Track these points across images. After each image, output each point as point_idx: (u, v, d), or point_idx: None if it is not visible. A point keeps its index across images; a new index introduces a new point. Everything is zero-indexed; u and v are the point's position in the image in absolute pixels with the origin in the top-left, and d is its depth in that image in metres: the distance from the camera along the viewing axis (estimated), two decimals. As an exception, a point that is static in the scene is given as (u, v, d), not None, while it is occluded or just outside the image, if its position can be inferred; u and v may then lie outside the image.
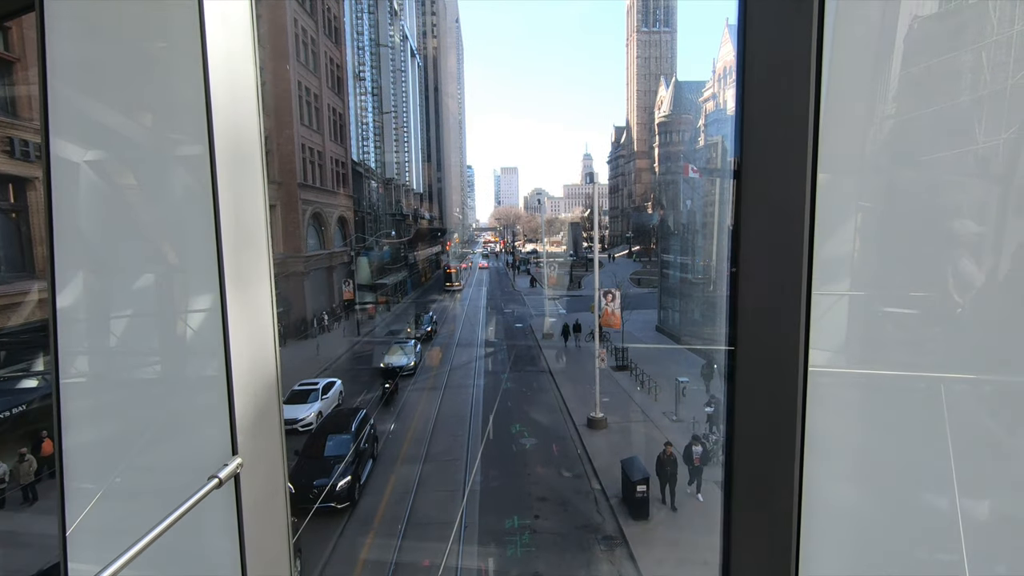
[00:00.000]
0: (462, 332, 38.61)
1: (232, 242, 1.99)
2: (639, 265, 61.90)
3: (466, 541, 13.78)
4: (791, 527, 1.93)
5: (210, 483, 1.60)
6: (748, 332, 2.21)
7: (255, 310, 2.14)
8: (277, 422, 2.16)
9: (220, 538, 1.94)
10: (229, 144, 2.03)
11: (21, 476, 14.89)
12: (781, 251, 2.06)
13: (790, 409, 1.93)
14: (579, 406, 21.92)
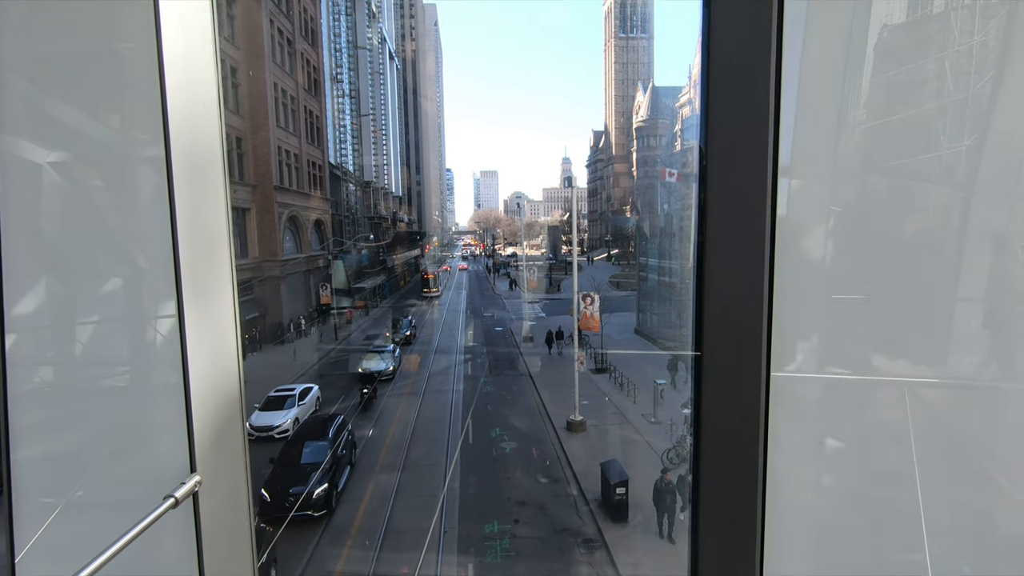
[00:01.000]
0: (441, 336, 38.40)
1: (190, 249, 1.92)
2: (618, 268, 62.39)
3: (445, 548, 13.66)
4: (755, 528, 1.93)
5: (165, 503, 1.52)
6: (712, 337, 2.21)
7: (216, 319, 2.07)
8: (240, 436, 2.09)
9: (178, 562, 1.86)
10: (187, 147, 1.95)
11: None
12: (743, 256, 2.06)
13: (753, 413, 1.93)
14: (558, 409, 21.94)
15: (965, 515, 1.99)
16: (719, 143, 2.19)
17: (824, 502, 2.07)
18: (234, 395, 2.06)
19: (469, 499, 15.91)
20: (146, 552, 1.81)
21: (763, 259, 1.91)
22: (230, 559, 2.02)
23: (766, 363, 1.93)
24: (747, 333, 1.98)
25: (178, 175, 1.90)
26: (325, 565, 13.10)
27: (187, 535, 1.82)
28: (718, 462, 2.14)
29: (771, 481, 1.94)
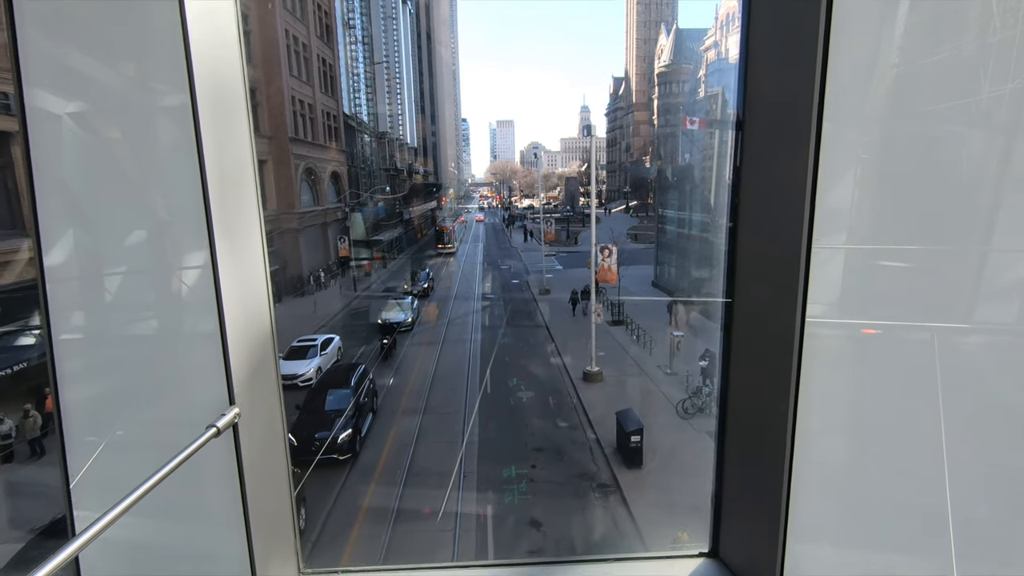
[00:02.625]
0: (459, 288, 38.70)
1: (219, 192, 1.93)
2: (636, 220, 61.55)
3: (465, 489, 14.22)
4: (782, 476, 1.96)
5: (207, 432, 1.60)
6: (746, 284, 2.20)
7: (247, 261, 2.10)
8: (273, 373, 2.16)
9: (222, 488, 1.97)
10: (212, 93, 1.94)
11: (27, 431, 15.16)
12: (782, 204, 2.02)
13: (786, 359, 1.93)
14: (575, 360, 22.23)
15: (989, 464, 1.99)
16: (760, 89, 2.11)
17: (851, 449, 2.08)
18: (266, 333, 2.12)
19: (488, 445, 16.41)
20: (193, 479, 1.92)
21: (803, 206, 1.87)
22: (269, 486, 2.13)
23: (801, 309, 1.91)
24: (782, 279, 1.95)
25: (204, 121, 1.90)
26: (351, 504, 13.77)
27: (229, 463, 1.92)
28: (746, 407, 2.16)
29: (800, 426, 1.95)
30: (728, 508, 2.16)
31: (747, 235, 2.17)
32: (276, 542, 2.18)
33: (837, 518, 2.05)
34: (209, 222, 1.94)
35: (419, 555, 11.80)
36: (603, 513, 13.40)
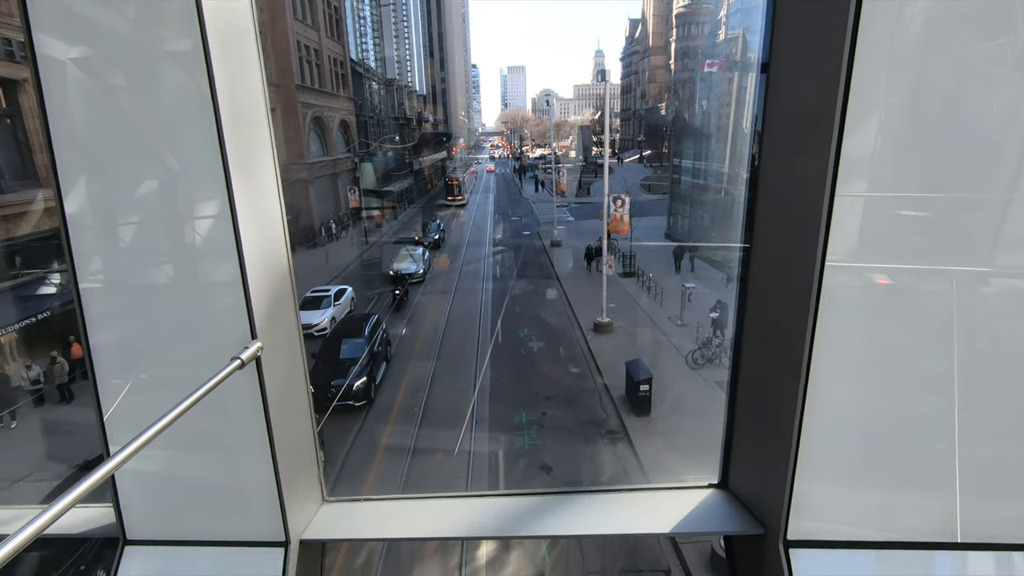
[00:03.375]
0: (470, 239, 38.61)
1: (234, 134, 1.92)
2: (650, 170, 60.30)
3: (477, 436, 14.65)
4: (793, 415, 1.99)
5: (232, 364, 1.65)
6: (765, 229, 2.17)
7: (263, 202, 2.11)
8: (292, 310, 2.20)
9: (249, 420, 2.05)
10: (223, 37, 1.90)
11: (55, 377, 15.71)
12: (806, 149, 1.96)
13: (803, 303, 1.93)
14: (586, 311, 22.33)
15: (999, 407, 2.00)
16: (786, 28, 2.01)
17: (864, 396, 2.09)
18: (284, 270, 2.14)
19: (499, 393, 16.77)
20: (220, 411, 1.99)
21: (828, 152, 1.82)
22: (292, 418, 2.21)
23: (821, 255, 1.89)
24: (803, 225, 1.92)
25: (216, 66, 1.88)
26: (369, 445, 14.30)
27: (254, 397, 1.99)
28: (761, 353, 2.18)
29: (814, 369, 1.96)
30: (739, 443, 2.21)
31: (769, 181, 2.13)
32: (301, 471, 2.28)
33: (844, 457, 2.10)
34: (225, 163, 1.93)
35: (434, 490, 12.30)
36: (611, 458, 13.80)
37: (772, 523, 1.99)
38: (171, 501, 2.28)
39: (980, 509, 1.90)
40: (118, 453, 1.25)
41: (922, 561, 1.89)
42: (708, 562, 10.63)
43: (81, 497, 1.12)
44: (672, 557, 10.74)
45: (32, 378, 15.42)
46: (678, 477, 12.70)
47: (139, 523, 2.28)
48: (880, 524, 1.97)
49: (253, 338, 1.90)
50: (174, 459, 2.19)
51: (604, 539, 11.17)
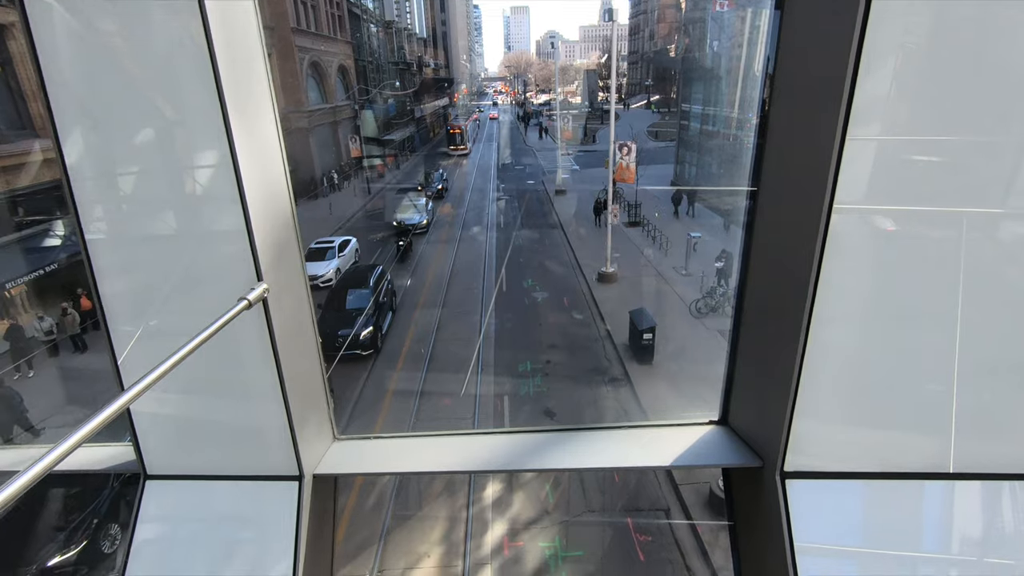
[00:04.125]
0: (473, 189, 38.16)
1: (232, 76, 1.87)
2: (657, 116, 58.67)
3: (482, 383, 14.96)
4: (795, 356, 2.01)
5: (239, 304, 1.67)
6: (774, 172, 2.13)
7: (263, 146, 2.08)
8: (297, 253, 2.21)
9: (258, 358, 2.09)
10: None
11: (67, 328, 15.99)
12: (818, 91, 1.89)
13: (808, 245, 1.91)
14: (591, 261, 22.31)
15: (999, 350, 2.01)
16: None
17: (864, 337, 2.10)
18: (287, 213, 2.13)
19: (504, 343, 17.00)
20: (231, 348, 2.03)
21: (839, 95, 1.76)
22: (301, 358, 2.26)
23: (829, 199, 1.86)
24: (812, 168, 1.89)
25: (211, 9, 1.79)
26: (379, 389, 14.67)
27: (263, 335, 2.02)
28: (765, 294, 2.18)
29: (817, 311, 1.96)
30: (739, 381, 2.25)
31: (779, 123, 2.07)
32: (311, 410, 2.35)
33: (843, 394, 2.13)
34: (223, 107, 1.89)
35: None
36: (614, 403, 14.12)
37: (770, 456, 2.05)
38: (188, 438, 2.37)
39: (973, 442, 1.95)
40: (131, 387, 1.28)
41: (913, 490, 1.96)
42: (706, 502, 11.04)
43: (95, 431, 1.15)
44: (672, 498, 11.15)
45: (45, 329, 15.71)
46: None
47: (158, 459, 2.38)
48: (874, 457, 2.03)
49: (259, 280, 1.92)
50: (189, 399, 2.25)
51: (606, 474, 11.60)
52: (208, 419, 2.35)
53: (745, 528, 2.21)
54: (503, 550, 10.11)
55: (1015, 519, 1.94)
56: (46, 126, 2.04)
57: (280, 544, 2.17)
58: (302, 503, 2.21)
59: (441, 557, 9.95)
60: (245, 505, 2.31)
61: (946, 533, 1.97)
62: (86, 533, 8.99)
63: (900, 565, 1.98)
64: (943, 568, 1.98)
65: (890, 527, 1.99)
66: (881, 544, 1.99)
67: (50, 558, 8.66)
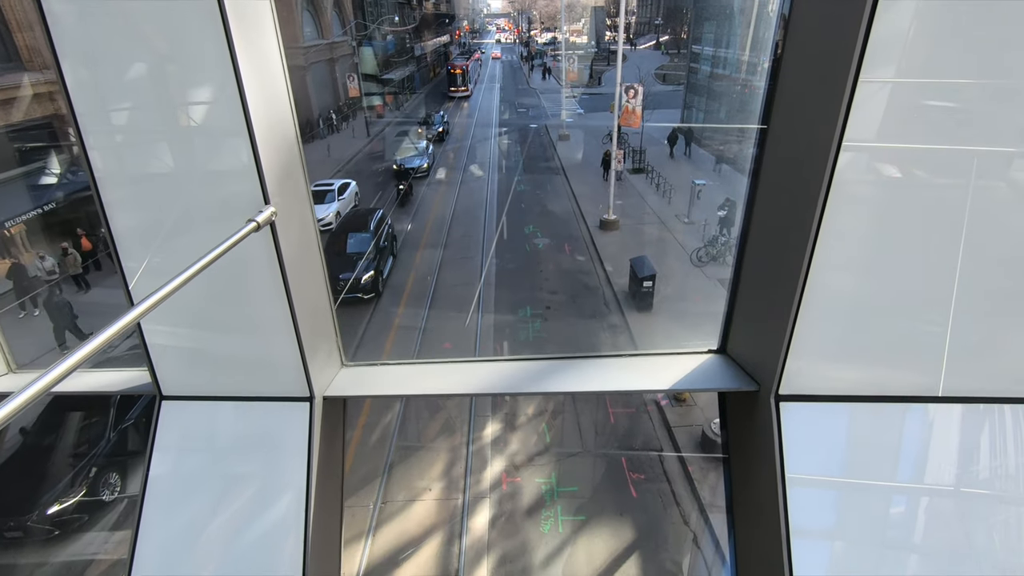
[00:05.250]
0: (475, 131, 37.32)
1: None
2: (666, 59, 56.55)
3: (483, 329, 15.17)
4: (794, 292, 2.04)
5: (248, 225, 1.68)
6: (785, 111, 2.09)
7: (267, 68, 2.03)
8: (302, 179, 2.20)
9: (267, 281, 2.12)
10: None
11: (68, 268, 16.02)
12: (833, 31, 1.83)
13: (816, 183, 1.90)
14: (592, 208, 22.11)
15: (997, 293, 2.03)
16: None
17: (863, 279, 2.12)
18: (291, 139, 2.11)
19: (504, 290, 17.10)
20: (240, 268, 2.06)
21: (855, 36, 1.70)
22: (308, 282, 2.29)
23: (838, 140, 1.84)
24: (824, 107, 1.85)
25: None
26: (378, 338, 14.89)
27: (271, 259, 2.05)
28: (770, 225, 2.18)
29: (819, 250, 1.98)
30: (740, 312, 2.29)
31: (792, 63, 2.03)
32: (320, 336, 2.40)
33: (839, 327, 2.18)
34: (228, 32, 1.83)
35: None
36: (611, 350, 14.37)
37: (766, 380, 2.12)
38: (200, 361, 2.44)
39: (962, 368, 2.01)
40: (140, 303, 1.29)
41: (900, 411, 2.04)
42: (698, 444, 11.44)
43: (103, 345, 1.15)
44: (665, 441, 11.54)
45: (47, 268, 15.75)
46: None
47: (173, 381, 2.45)
48: (866, 382, 2.10)
49: (266, 203, 1.92)
50: (201, 322, 2.30)
51: (603, 416, 11.97)
52: (220, 342, 2.41)
53: (739, 448, 2.31)
54: (501, 485, 10.56)
55: (1000, 440, 2.04)
56: (50, 59, 1.98)
57: (293, 460, 2.28)
58: (313, 423, 2.30)
59: (441, 491, 10.41)
60: (258, 424, 2.41)
61: (931, 452, 2.07)
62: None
63: (883, 478, 2.09)
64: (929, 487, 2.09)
65: (876, 446, 2.08)
66: (867, 463, 2.09)
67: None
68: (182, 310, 1.65)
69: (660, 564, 9.13)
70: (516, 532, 9.58)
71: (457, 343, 14.27)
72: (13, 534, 8.97)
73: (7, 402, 0.87)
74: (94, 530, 9.48)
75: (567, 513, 9.87)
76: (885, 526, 2.08)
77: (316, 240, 2.33)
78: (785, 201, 2.07)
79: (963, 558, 2.06)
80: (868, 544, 2.08)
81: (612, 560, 9.12)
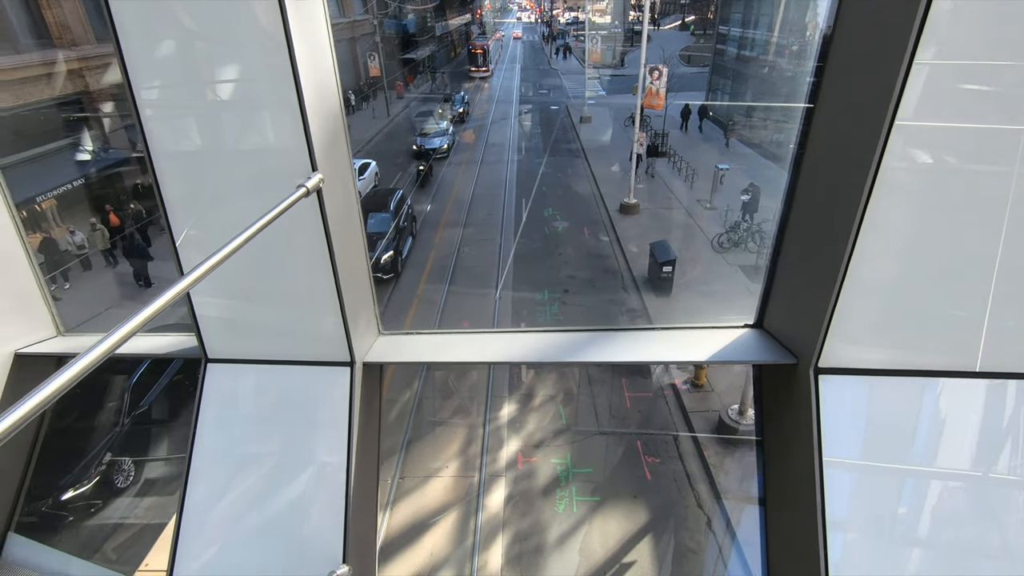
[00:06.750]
0: (495, 112, 37.06)
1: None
2: (691, 39, 55.26)
3: (500, 310, 15.24)
4: (838, 269, 2.00)
5: (298, 191, 1.73)
6: (835, 89, 2.05)
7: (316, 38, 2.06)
8: (345, 147, 2.24)
9: (313, 247, 2.18)
10: None
11: (96, 243, 16.38)
12: (891, 10, 1.78)
13: (865, 160, 1.87)
14: (613, 191, 21.93)
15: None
16: None
17: (906, 264, 2.09)
18: (336, 107, 2.16)
19: (522, 272, 17.12)
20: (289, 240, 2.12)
21: (914, 15, 1.66)
22: (350, 249, 2.35)
23: (891, 117, 1.80)
24: (878, 88, 1.82)
25: None
26: (398, 318, 15.06)
27: (317, 226, 2.10)
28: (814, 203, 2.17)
29: (864, 231, 1.95)
30: (779, 286, 2.29)
31: (844, 41, 1.98)
32: (360, 304, 2.46)
33: (880, 311, 2.16)
34: (283, 4, 1.85)
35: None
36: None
37: (805, 354, 2.12)
38: (245, 325, 2.52)
39: (1001, 344, 2.00)
40: (192, 271, 1.31)
41: (937, 386, 2.03)
42: (715, 428, 11.44)
43: (160, 311, 1.18)
44: (682, 425, 11.56)
45: (77, 243, 16.13)
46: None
47: (218, 344, 2.54)
48: (907, 359, 2.09)
49: (314, 170, 1.96)
50: (246, 288, 2.37)
51: (621, 398, 12.01)
52: (263, 307, 2.48)
53: (774, 424, 2.32)
54: (517, 464, 10.70)
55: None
56: (63, 37, 2.01)
57: (335, 421, 2.36)
58: (354, 387, 2.37)
59: (458, 468, 10.59)
60: (300, 386, 2.49)
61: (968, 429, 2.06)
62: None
63: (918, 455, 2.09)
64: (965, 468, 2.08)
65: (919, 425, 2.08)
66: (908, 443, 2.09)
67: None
68: (229, 277, 1.71)
69: (675, 546, 9.22)
70: (531, 511, 9.73)
71: (475, 324, 14.37)
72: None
73: (74, 362, 0.91)
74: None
75: (582, 494, 9.99)
76: (930, 514, 2.06)
77: (357, 208, 2.38)
78: (831, 180, 2.05)
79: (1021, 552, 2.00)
80: (908, 532, 2.06)
81: (626, 541, 9.23)
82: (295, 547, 2.29)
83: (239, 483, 2.46)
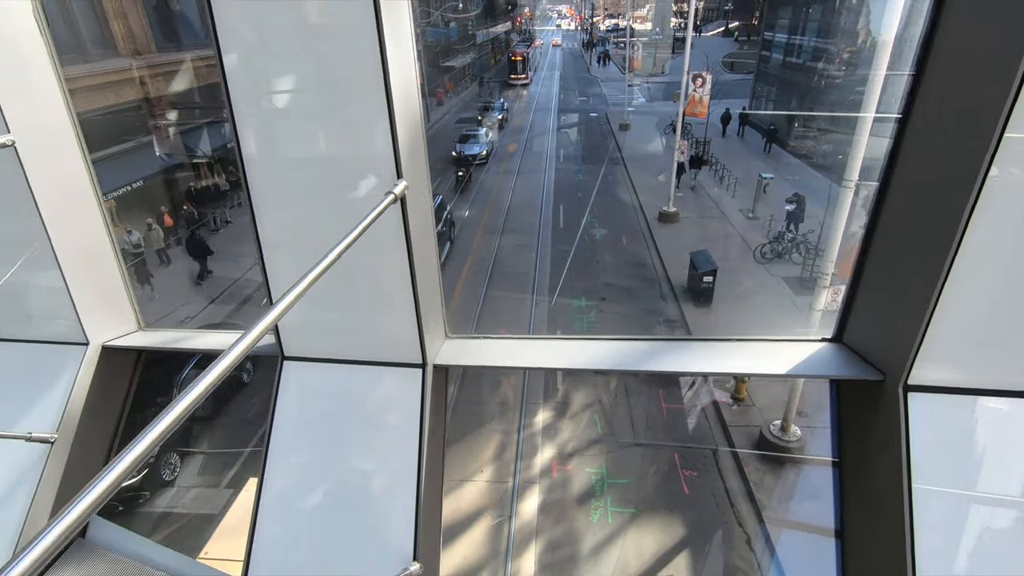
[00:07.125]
0: (533, 120, 37.21)
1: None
2: (734, 46, 54.30)
3: (537, 317, 15.24)
4: (936, 283, 1.87)
5: (387, 198, 1.78)
6: (933, 100, 1.95)
7: (403, 47, 2.12)
8: (424, 154, 2.30)
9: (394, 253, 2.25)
10: None
11: (152, 243, 17.13)
12: (1001, 16, 1.70)
13: (969, 174, 1.77)
14: (652, 199, 21.70)
15: None
16: None
17: (1008, 280, 1.96)
18: (417, 112, 2.21)
19: (559, 278, 17.09)
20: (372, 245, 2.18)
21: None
22: (426, 253, 2.40)
23: (1001, 126, 1.72)
24: (986, 99, 1.74)
25: None
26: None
27: (399, 232, 2.16)
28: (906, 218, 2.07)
29: (967, 241, 1.86)
30: (863, 300, 2.23)
31: (946, 52, 1.89)
32: (432, 307, 2.52)
33: (979, 328, 2.01)
34: (378, 17, 1.91)
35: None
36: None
37: (893, 370, 2.05)
38: (321, 325, 2.61)
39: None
40: (282, 300, 1.30)
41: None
42: (755, 444, 11.15)
43: (273, 323, 1.21)
44: (721, 440, 11.30)
45: (134, 242, 16.91)
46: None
47: (294, 343, 2.64)
48: (1006, 376, 1.98)
49: (399, 178, 2.03)
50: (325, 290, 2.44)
51: (657, 411, 11.84)
52: (340, 308, 2.57)
53: (856, 446, 2.25)
54: (551, 472, 10.66)
55: None
56: (126, 47, 2.11)
57: (407, 421, 2.42)
58: (425, 388, 2.43)
59: (493, 473, 10.61)
60: (373, 385, 2.56)
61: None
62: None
63: (1021, 484, 1.96)
64: None
65: (1017, 445, 1.97)
66: (1004, 462, 1.97)
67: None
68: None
69: (712, 564, 9.00)
70: (564, 519, 9.67)
71: (511, 330, 14.41)
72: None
73: (224, 356, 0.99)
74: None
75: (617, 504, 9.87)
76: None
77: (431, 214, 2.43)
78: (928, 194, 1.98)
79: None
80: (1009, 572, 1.88)
81: (663, 554, 9.06)
82: (368, 542, 2.35)
83: (314, 476, 2.54)
